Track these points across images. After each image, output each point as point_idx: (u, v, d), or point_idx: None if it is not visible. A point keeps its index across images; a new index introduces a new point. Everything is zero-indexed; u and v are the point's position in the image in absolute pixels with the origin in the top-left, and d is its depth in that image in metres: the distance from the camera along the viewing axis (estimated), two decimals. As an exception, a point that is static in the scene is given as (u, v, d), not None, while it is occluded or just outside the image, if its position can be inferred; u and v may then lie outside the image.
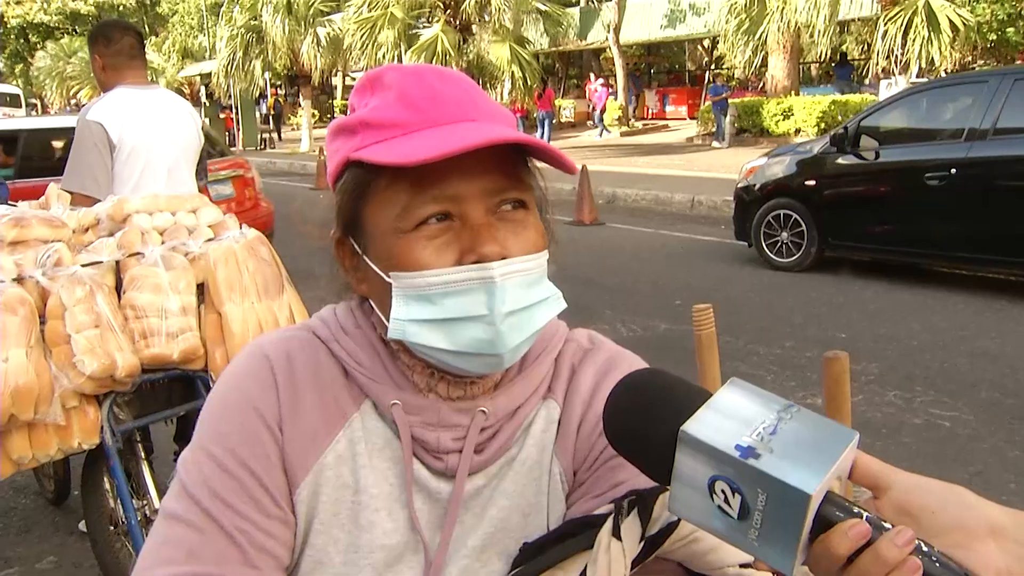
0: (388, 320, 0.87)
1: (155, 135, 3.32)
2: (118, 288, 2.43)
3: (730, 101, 19.77)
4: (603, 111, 23.73)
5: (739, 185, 8.48)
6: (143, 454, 2.66)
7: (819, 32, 15.21)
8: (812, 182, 7.74)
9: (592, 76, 25.54)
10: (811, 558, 0.65)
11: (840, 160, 7.57)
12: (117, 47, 3.36)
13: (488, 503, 0.93)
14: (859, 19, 17.67)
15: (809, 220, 7.72)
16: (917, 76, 15.43)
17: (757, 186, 8.19)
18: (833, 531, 0.62)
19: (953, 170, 6.67)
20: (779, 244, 8.01)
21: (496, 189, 0.85)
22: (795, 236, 7.87)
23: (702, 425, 0.67)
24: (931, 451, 3.95)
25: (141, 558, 0.86)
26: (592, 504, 0.90)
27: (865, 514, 0.63)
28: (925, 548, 0.61)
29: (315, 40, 23.67)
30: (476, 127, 0.85)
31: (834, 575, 0.64)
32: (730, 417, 0.67)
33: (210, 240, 2.64)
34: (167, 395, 2.64)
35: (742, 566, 0.84)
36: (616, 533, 0.80)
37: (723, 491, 0.65)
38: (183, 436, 2.87)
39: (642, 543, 0.80)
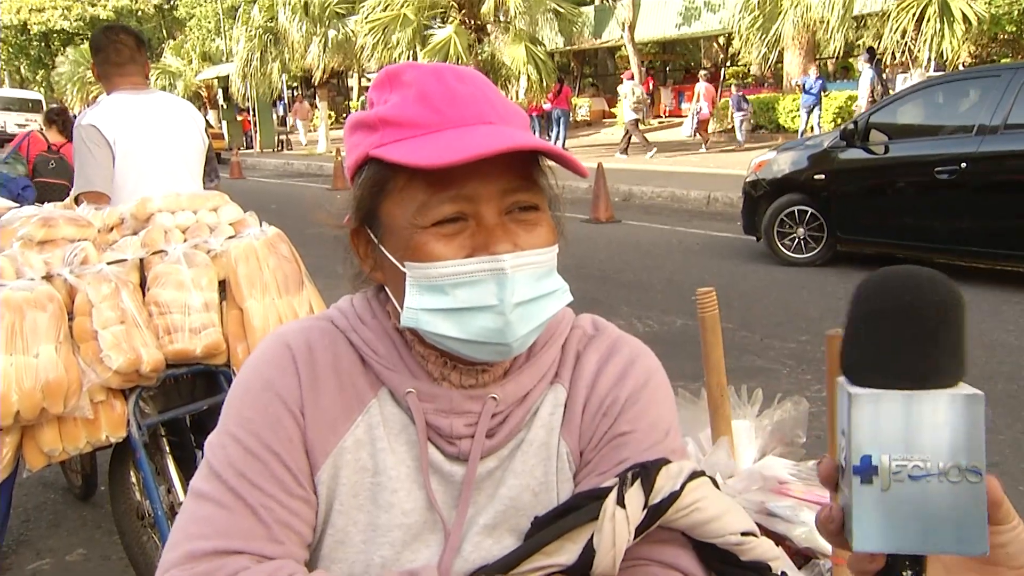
0: (402, 308, 0.91)
1: (151, 138, 3.27)
2: (142, 285, 2.49)
3: (747, 97, 19.66)
4: None
5: (747, 180, 8.49)
6: (168, 448, 2.72)
7: (833, 28, 15.13)
8: (821, 176, 7.73)
9: None
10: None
11: (850, 154, 7.55)
12: (103, 55, 3.33)
13: (500, 484, 0.96)
14: (876, 14, 17.53)
15: (823, 215, 7.72)
16: (936, 70, 15.35)
17: (766, 180, 8.19)
18: None
19: (964, 164, 6.66)
20: (794, 239, 8.00)
21: (510, 190, 0.89)
22: (811, 231, 7.86)
23: (875, 407, 0.59)
24: (947, 443, 3.95)
25: (172, 535, 0.91)
26: (598, 481, 0.94)
27: None
28: None
29: (323, 41, 23.75)
30: (493, 130, 0.88)
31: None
32: (911, 426, 0.58)
33: (231, 237, 2.69)
34: (191, 390, 2.70)
35: (743, 534, 0.88)
36: (620, 502, 0.84)
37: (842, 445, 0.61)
38: (201, 429, 2.92)
39: (645, 511, 0.84)
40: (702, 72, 20.76)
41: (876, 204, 7.45)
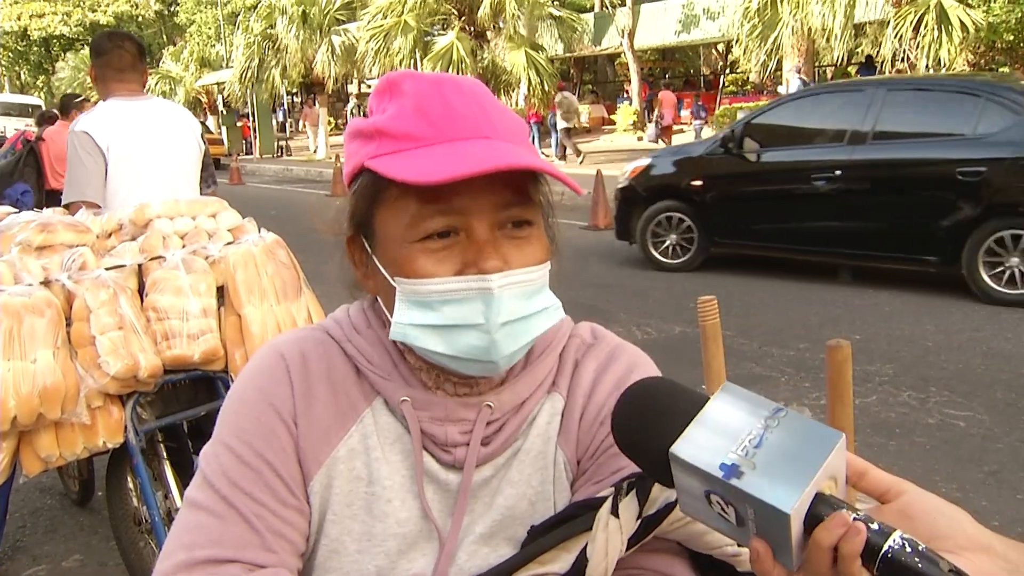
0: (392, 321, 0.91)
1: (145, 145, 3.25)
2: (141, 291, 2.49)
3: (745, 105, 19.83)
4: None
5: (620, 186, 8.65)
6: (165, 454, 2.71)
7: (836, 36, 15.17)
8: (699, 182, 7.96)
9: None
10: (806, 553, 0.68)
11: (727, 161, 7.79)
12: (104, 59, 3.32)
13: (496, 492, 0.96)
14: (873, 22, 17.59)
15: (696, 220, 7.98)
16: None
17: (642, 187, 8.36)
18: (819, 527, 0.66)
19: (838, 171, 7.09)
20: (664, 243, 8.26)
21: (503, 205, 0.88)
22: (682, 237, 8.14)
23: (689, 445, 0.70)
24: (945, 451, 3.95)
25: (166, 544, 0.91)
26: (595, 490, 0.93)
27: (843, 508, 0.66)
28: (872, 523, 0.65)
29: (330, 49, 23.80)
30: (488, 146, 0.87)
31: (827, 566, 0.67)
32: (717, 432, 0.70)
33: (229, 244, 2.69)
34: (188, 396, 2.70)
35: (739, 546, 0.88)
36: (614, 511, 0.84)
37: (718, 503, 0.69)
38: (199, 435, 2.91)
39: (639, 522, 0.84)
40: (662, 80, 21.43)
41: (754, 209, 7.75)
